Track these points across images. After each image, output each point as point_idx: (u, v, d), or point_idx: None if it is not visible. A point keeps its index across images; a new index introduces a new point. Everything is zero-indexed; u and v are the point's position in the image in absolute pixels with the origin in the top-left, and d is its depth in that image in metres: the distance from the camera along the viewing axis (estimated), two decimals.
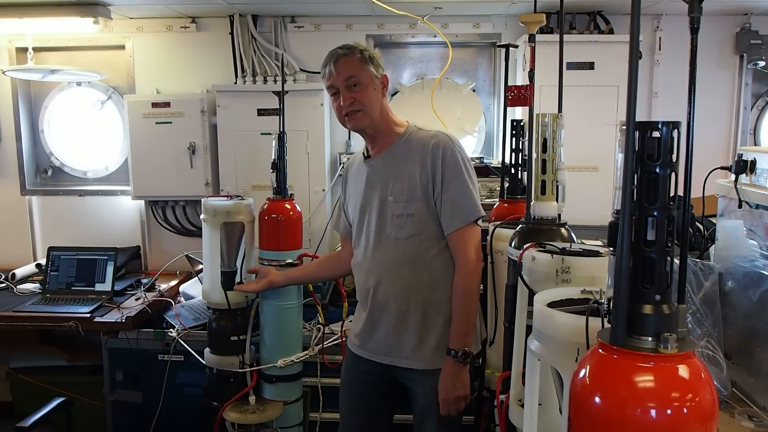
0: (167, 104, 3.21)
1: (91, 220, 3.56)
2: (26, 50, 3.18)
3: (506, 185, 2.27)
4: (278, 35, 3.34)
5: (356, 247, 2.10)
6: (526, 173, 2.12)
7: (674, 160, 0.87)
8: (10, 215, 3.57)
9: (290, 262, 2.38)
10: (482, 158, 3.24)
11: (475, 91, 3.42)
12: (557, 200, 1.64)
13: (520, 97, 1.93)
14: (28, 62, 3.16)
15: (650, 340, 0.85)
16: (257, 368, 2.42)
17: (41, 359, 3.27)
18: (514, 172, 2.27)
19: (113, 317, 2.76)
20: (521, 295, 1.44)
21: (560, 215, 1.65)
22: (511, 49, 2.35)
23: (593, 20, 3.16)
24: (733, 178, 1.98)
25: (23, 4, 2.88)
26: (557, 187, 1.64)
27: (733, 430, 1.68)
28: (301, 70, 3.29)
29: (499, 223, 2.03)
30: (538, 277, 1.38)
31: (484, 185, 3.02)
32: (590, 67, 2.96)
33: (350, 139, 3.36)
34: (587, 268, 1.35)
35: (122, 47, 3.43)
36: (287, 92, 2.80)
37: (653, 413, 0.80)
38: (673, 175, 0.87)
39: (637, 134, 0.86)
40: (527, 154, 1.96)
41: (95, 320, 2.75)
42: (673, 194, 0.88)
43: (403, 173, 1.96)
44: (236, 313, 2.41)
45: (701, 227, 2.45)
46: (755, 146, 3.24)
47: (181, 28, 3.38)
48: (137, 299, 2.95)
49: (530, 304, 1.28)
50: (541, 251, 1.41)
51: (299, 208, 2.47)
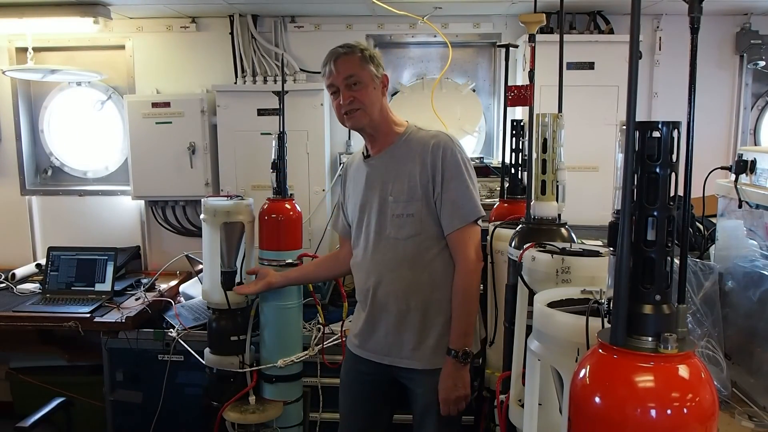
0: (167, 104, 3.21)
1: (91, 220, 3.56)
2: (26, 50, 3.18)
3: (506, 185, 2.27)
4: (278, 35, 3.34)
5: (356, 247, 2.10)
6: (526, 173, 2.12)
7: (674, 160, 0.87)
8: (10, 215, 3.57)
9: (290, 262, 2.38)
10: (482, 158, 3.24)
11: (475, 91, 3.42)
12: (557, 200, 1.64)
13: (520, 97, 1.93)
14: (28, 62, 3.16)
15: (650, 340, 0.85)
16: (257, 368, 2.42)
17: (41, 359, 3.27)
18: (514, 172, 2.27)
19: (113, 317, 2.76)
20: (521, 295, 1.44)
21: (560, 215, 1.65)
22: (511, 49, 2.35)
23: (593, 20, 3.16)
24: (733, 178, 1.98)
25: (23, 4, 2.88)
26: (557, 187, 1.64)
27: (733, 430, 1.68)
28: (301, 70, 3.29)
29: (499, 223, 2.03)
30: (538, 277, 1.38)
31: (484, 185, 3.01)
32: (590, 67, 2.96)
33: (350, 139, 3.36)
34: (587, 268, 1.34)
35: (122, 47, 3.43)
36: (287, 92, 2.80)
37: (653, 413, 0.80)
38: (673, 175, 0.87)
39: (637, 134, 0.86)
40: (527, 154, 1.96)
41: (95, 320, 2.75)
42: (673, 194, 0.88)
43: (403, 173, 1.96)
44: (236, 313, 2.41)
45: (701, 227, 2.45)
46: (755, 146, 3.24)
47: (181, 28, 3.38)
48: (137, 299, 2.95)
49: (530, 304, 1.28)
50: (541, 251, 1.41)
51: (299, 208, 2.47)
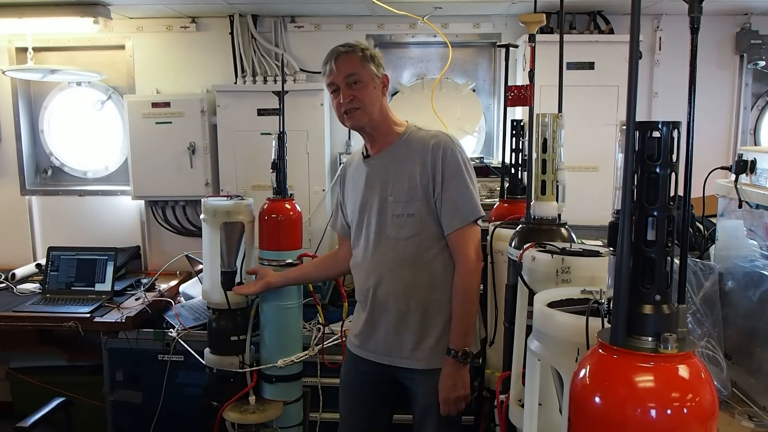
0: (167, 104, 3.21)
1: (91, 220, 3.56)
2: (26, 50, 3.18)
3: (506, 185, 2.28)
4: (278, 35, 3.34)
5: (355, 247, 2.10)
6: (526, 173, 2.12)
7: (674, 160, 0.87)
8: (10, 215, 3.57)
9: (290, 262, 2.38)
10: (482, 158, 3.24)
11: (475, 91, 3.42)
12: (557, 200, 1.64)
13: (520, 97, 1.93)
14: (28, 62, 3.16)
15: (650, 340, 0.85)
16: (257, 368, 2.42)
17: (41, 359, 3.27)
18: (514, 172, 2.27)
19: (113, 317, 2.76)
20: (521, 295, 1.44)
21: (560, 215, 1.65)
22: (511, 49, 2.35)
23: (593, 20, 3.16)
24: (733, 178, 1.98)
25: (23, 4, 2.88)
26: (557, 187, 1.64)
27: (733, 430, 1.68)
28: (301, 70, 3.29)
29: (499, 223, 2.03)
30: (538, 277, 1.38)
31: (484, 185, 3.01)
32: (590, 67, 2.96)
33: (350, 139, 3.36)
34: (587, 268, 1.34)
35: (122, 47, 3.43)
36: (287, 92, 2.80)
37: (653, 413, 0.80)
38: (673, 175, 0.87)
39: (637, 134, 0.86)
40: (527, 154, 1.96)
41: (95, 320, 2.75)
42: (673, 194, 0.88)
43: (403, 173, 1.96)
44: (236, 313, 2.41)
45: (701, 227, 2.45)
46: (755, 146, 3.24)
47: (181, 28, 3.38)
48: (137, 299, 2.94)
49: (530, 304, 1.28)
50: (541, 251, 1.41)
51: (299, 208, 2.47)
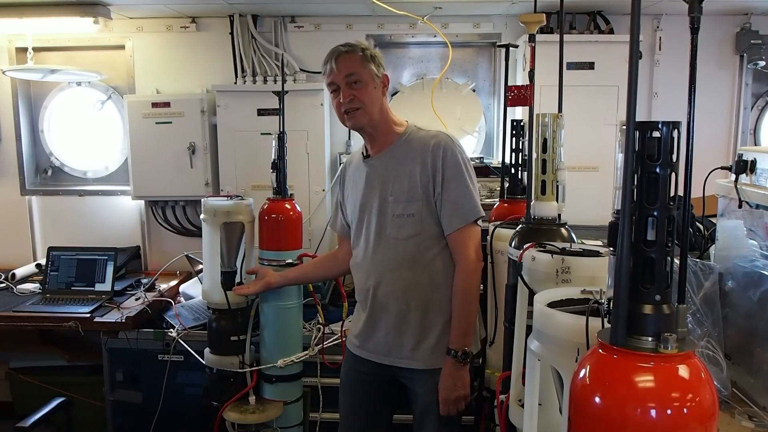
0: (167, 104, 3.21)
1: (91, 220, 3.56)
2: (26, 50, 3.18)
3: (506, 185, 2.28)
4: (278, 35, 3.34)
5: (355, 247, 2.10)
6: (526, 173, 2.12)
7: (674, 160, 0.87)
8: (10, 215, 3.57)
9: (290, 262, 2.38)
10: (482, 158, 3.24)
11: (475, 91, 3.42)
12: (557, 200, 1.64)
13: (520, 97, 1.93)
14: (28, 62, 3.16)
15: (650, 340, 0.85)
16: (257, 368, 2.42)
17: (41, 359, 3.27)
18: (514, 172, 2.27)
19: (113, 317, 2.76)
20: (521, 295, 1.44)
21: (560, 215, 1.65)
22: (511, 49, 2.35)
23: (593, 20, 3.16)
24: (733, 178, 1.98)
25: (23, 4, 2.88)
26: (557, 187, 1.64)
27: (733, 430, 1.68)
28: (301, 70, 3.29)
29: (499, 223, 2.03)
30: (538, 277, 1.38)
31: (484, 185, 3.01)
32: (590, 67, 2.96)
33: (350, 139, 3.36)
34: (587, 268, 1.34)
35: (122, 47, 3.43)
36: (287, 92, 2.80)
37: (653, 413, 0.80)
38: (673, 175, 0.87)
39: (637, 134, 0.86)
40: (527, 154, 1.96)
41: (95, 320, 2.75)
42: (673, 194, 0.88)
43: (403, 173, 1.96)
44: (236, 313, 2.40)
45: (701, 227, 2.45)
46: (755, 146, 3.24)
47: (181, 28, 3.38)
48: (137, 299, 2.94)
49: (530, 304, 1.28)
50: (541, 251, 1.41)
51: (299, 208, 2.47)
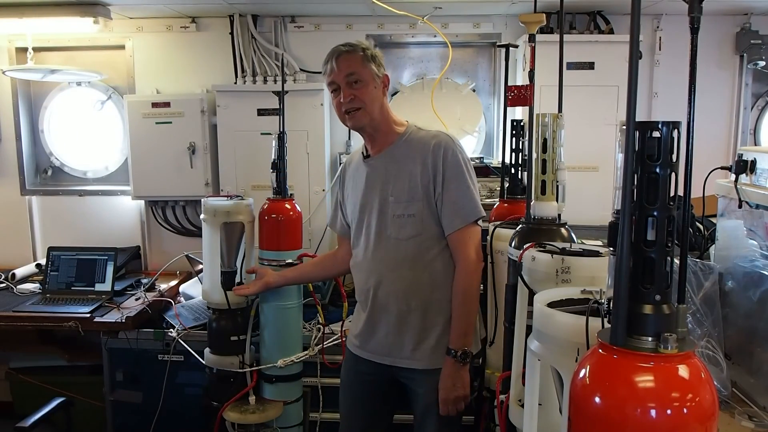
0: (167, 104, 3.21)
1: (91, 220, 3.56)
2: (26, 50, 3.18)
3: (506, 185, 2.27)
4: (278, 35, 3.34)
5: (355, 247, 2.10)
6: (526, 173, 2.12)
7: (674, 160, 0.87)
8: (10, 215, 3.57)
9: (290, 262, 2.38)
10: (482, 158, 3.24)
11: (475, 91, 3.42)
12: (557, 200, 1.64)
13: (520, 97, 1.93)
14: (28, 62, 3.16)
15: (650, 340, 0.85)
16: (257, 368, 2.42)
17: (41, 359, 3.27)
18: (514, 172, 2.27)
19: (113, 317, 2.76)
20: (521, 295, 1.44)
21: (560, 215, 1.64)
22: (511, 49, 2.35)
23: (593, 20, 3.16)
24: (733, 178, 1.98)
25: (23, 4, 2.88)
26: (557, 187, 1.63)
27: (733, 430, 1.68)
28: (301, 70, 3.29)
29: (499, 223, 2.03)
30: (538, 277, 1.38)
31: (484, 185, 3.01)
32: (590, 67, 2.96)
33: (350, 139, 3.36)
34: (587, 268, 1.34)
35: (122, 47, 3.43)
36: (287, 92, 2.80)
37: (653, 413, 0.80)
38: (673, 175, 0.87)
39: (637, 134, 0.86)
40: (527, 154, 1.96)
41: (95, 320, 2.75)
42: (673, 194, 0.87)
43: (403, 173, 1.96)
44: (236, 313, 2.41)
45: (701, 227, 2.45)
46: (755, 146, 3.24)
47: (181, 28, 3.38)
48: (137, 299, 2.94)
49: (530, 304, 1.28)
50: (541, 251, 1.41)
51: (299, 208, 2.47)
